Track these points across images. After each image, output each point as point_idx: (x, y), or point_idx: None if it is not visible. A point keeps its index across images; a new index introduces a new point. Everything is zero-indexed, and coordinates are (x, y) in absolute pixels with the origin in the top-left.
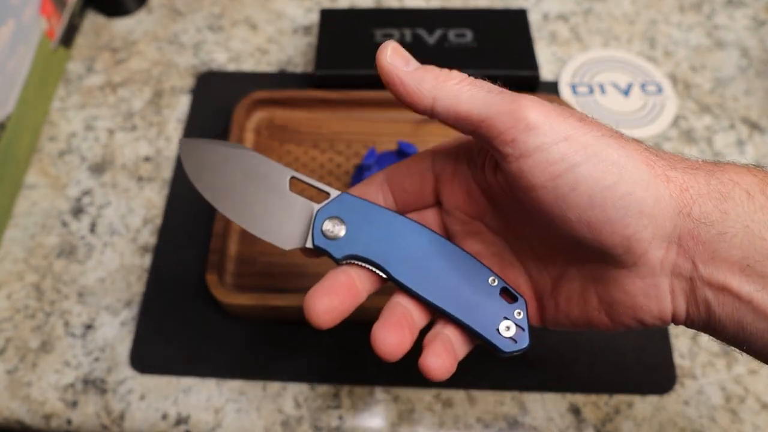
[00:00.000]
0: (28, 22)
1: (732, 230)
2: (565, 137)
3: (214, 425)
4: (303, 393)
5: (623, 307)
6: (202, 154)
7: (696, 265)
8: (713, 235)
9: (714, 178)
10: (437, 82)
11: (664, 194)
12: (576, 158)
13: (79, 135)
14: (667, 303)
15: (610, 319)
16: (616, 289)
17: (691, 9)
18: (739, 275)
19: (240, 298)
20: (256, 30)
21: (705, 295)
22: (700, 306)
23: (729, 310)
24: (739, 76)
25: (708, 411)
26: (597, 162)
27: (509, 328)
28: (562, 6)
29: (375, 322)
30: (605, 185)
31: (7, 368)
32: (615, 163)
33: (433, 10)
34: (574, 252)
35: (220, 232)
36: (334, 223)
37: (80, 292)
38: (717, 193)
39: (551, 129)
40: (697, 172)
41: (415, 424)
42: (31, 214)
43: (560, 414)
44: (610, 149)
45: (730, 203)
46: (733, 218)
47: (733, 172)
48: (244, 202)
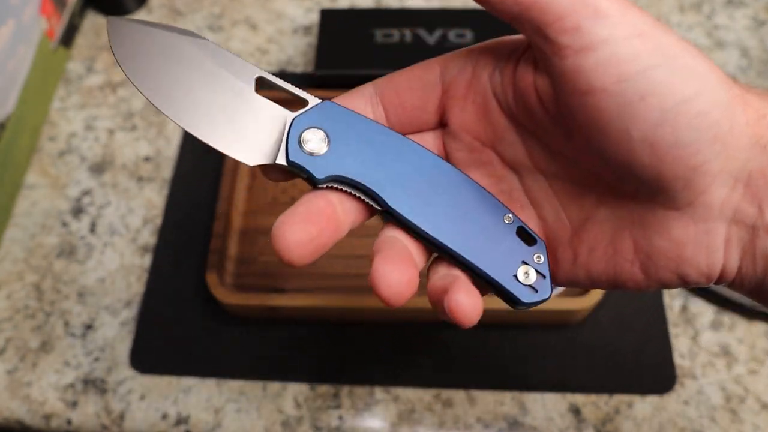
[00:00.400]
0: (28, 22)
1: None
2: (641, 33)
3: (214, 425)
4: (303, 393)
5: (665, 258)
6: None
7: (763, 210)
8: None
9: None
10: None
11: (740, 119)
12: (652, 59)
13: (79, 135)
14: (719, 256)
15: (645, 274)
16: (659, 236)
17: (691, 9)
18: None
19: (240, 298)
20: (256, 30)
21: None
22: (758, 260)
23: None
24: (739, 76)
25: (708, 411)
26: (677, 68)
27: (528, 274)
28: None
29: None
30: (683, 98)
31: (7, 368)
32: (696, 73)
33: (433, 10)
34: (614, 187)
35: (220, 232)
36: (315, 135)
37: (80, 292)
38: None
39: (625, 20)
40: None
41: (415, 424)
42: (31, 214)
43: (560, 414)
44: (689, 56)
45: None
46: None
47: None
48: (196, 103)
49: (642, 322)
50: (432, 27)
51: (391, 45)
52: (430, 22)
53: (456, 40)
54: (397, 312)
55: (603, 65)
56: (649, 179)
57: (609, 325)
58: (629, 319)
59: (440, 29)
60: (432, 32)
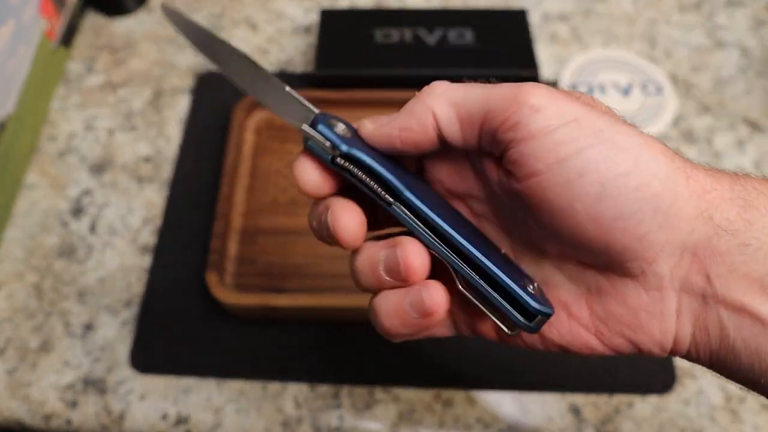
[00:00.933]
0: (28, 22)
1: (756, 242)
2: (575, 119)
3: (214, 425)
4: (303, 393)
5: (620, 324)
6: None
7: (711, 280)
8: (734, 245)
9: (738, 184)
10: (427, 93)
11: (683, 192)
12: (586, 141)
13: (79, 135)
14: (671, 324)
15: (600, 341)
16: (615, 302)
17: (691, 9)
18: (760, 294)
19: (240, 298)
20: (256, 30)
21: (718, 316)
22: (711, 330)
23: (746, 335)
24: (739, 76)
25: (708, 411)
26: (611, 146)
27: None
28: (562, 6)
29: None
30: (619, 172)
31: (7, 368)
32: (631, 149)
33: (433, 10)
34: (569, 256)
35: (220, 232)
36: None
37: (80, 292)
38: (741, 200)
39: (558, 111)
40: (720, 176)
41: (415, 424)
42: (31, 214)
43: (560, 414)
44: (624, 135)
45: (755, 212)
46: (758, 229)
47: (756, 181)
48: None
49: None
50: (432, 27)
51: (391, 45)
52: (430, 22)
53: (456, 40)
54: None
55: (543, 150)
56: (598, 251)
57: None
58: None
59: (440, 29)
60: (432, 32)
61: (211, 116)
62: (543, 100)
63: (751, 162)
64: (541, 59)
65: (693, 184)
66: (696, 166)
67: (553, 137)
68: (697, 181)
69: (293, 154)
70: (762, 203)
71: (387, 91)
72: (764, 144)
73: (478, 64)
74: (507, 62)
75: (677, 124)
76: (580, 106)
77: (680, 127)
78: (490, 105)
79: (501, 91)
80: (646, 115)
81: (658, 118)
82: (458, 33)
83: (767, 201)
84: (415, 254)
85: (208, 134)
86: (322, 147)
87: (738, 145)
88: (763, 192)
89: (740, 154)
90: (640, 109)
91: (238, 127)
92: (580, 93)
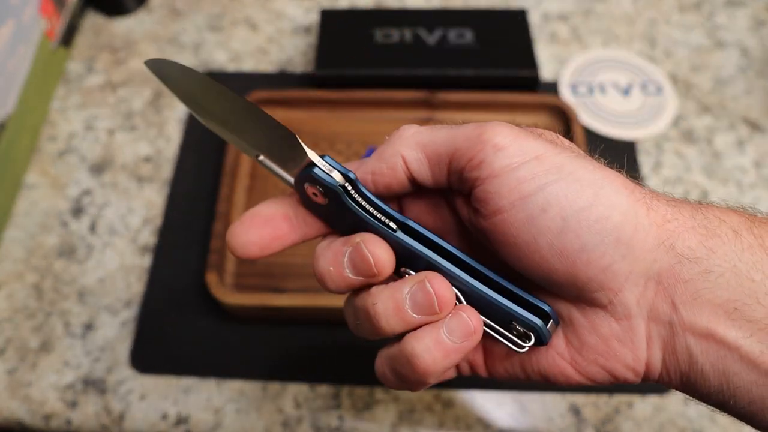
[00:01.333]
0: (28, 22)
1: (718, 269)
2: (536, 156)
3: (214, 425)
4: (303, 393)
5: (594, 353)
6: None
7: (676, 307)
8: (697, 273)
9: (699, 213)
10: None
11: (644, 222)
12: (548, 177)
13: (79, 135)
14: (642, 351)
15: (576, 370)
16: (587, 332)
17: (691, 9)
18: (724, 320)
19: (240, 298)
20: (256, 30)
21: (686, 342)
22: (680, 355)
23: (713, 359)
24: (739, 76)
25: (708, 411)
26: (571, 181)
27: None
28: (562, 6)
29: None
30: (580, 206)
31: (7, 368)
32: (591, 183)
33: (433, 10)
34: (540, 290)
35: (220, 232)
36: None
37: (80, 292)
38: (703, 228)
39: (520, 149)
40: (682, 205)
41: (415, 424)
42: (31, 214)
43: (560, 414)
44: (584, 170)
45: (717, 240)
46: (720, 256)
47: (718, 210)
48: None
49: None
50: (432, 27)
51: (391, 45)
52: (430, 22)
53: (456, 40)
54: None
55: (506, 187)
56: (565, 284)
57: None
58: None
59: (440, 29)
60: (432, 32)
61: None
62: (506, 138)
63: (750, 162)
64: (541, 59)
65: (653, 214)
66: (658, 196)
67: (516, 174)
68: (657, 212)
69: None
70: (724, 231)
71: (387, 91)
72: (764, 144)
73: (478, 64)
74: (507, 62)
75: (677, 124)
76: (542, 143)
77: (680, 127)
78: (456, 145)
79: (466, 131)
80: (646, 115)
81: (658, 118)
82: (458, 33)
83: (728, 229)
84: (445, 287)
85: (208, 134)
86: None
87: (738, 145)
88: (725, 220)
89: (740, 154)
90: (640, 109)
91: None
92: (543, 130)
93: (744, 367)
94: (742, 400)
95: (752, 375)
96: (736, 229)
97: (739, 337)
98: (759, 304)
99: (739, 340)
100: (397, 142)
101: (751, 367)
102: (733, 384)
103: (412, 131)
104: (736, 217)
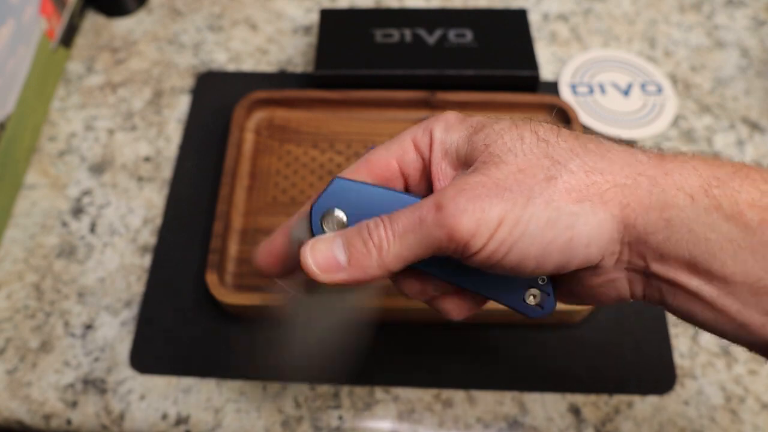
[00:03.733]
0: (28, 22)
1: (677, 235)
2: (498, 221)
3: (214, 425)
4: (303, 393)
5: (583, 296)
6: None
7: (648, 262)
8: (659, 240)
9: (657, 186)
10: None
11: (604, 218)
12: (513, 236)
13: (79, 135)
14: (625, 290)
15: (567, 301)
16: (575, 285)
17: (691, 9)
18: (686, 272)
19: (240, 298)
20: (256, 30)
21: (659, 286)
22: (655, 293)
23: (680, 302)
24: (739, 76)
25: (708, 411)
26: (533, 229)
27: (535, 296)
28: (562, 6)
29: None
30: (547, 241)
31: (7, 368)
32: (549, 219)
33: (433, 10)
34: None
35: (220, 232)
36: (333, 216)
37: (80, 292)
38: (661, 203)
39: (484, 228)
40: (639, 180)
41: (415, 424)
42: (31, 214)
43: (560, 414)
44: (539, 210)
45: (674, 210)
46: (677, 224)
47: (678, 174)
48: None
49: (642, 322)
50: (432, 27)
51: (391, 45)
52: (430, 22)
53: (456, 40)
54: (398, 312)
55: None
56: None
57: (609, 325)
58: (629, 319)
59: (440, 29)
60: (432, 32)
61: (211, 116)
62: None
63: (750, 162)
64: (541, 59)
65: (611, 205)
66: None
67: (490, 247)
68: (614, 202)
69: (293, 154)
70: (680, 200)
71: (387, 91)
72: (764, 144)
73: (478, 64)
74: (507, 62)
75: (677, 124)
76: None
77: (680, 127)
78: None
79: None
80: (646, 115)
81: (658, 118)
82: (458, 33)
83: (685, 196)
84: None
85: (208, 134)
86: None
87: (738, 145)
88: (682, 187)
89: (740, 154)
90: (640, 109)
91: (237, 127)
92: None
93: (704, 308)
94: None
95: (711, 314)
96: (693, 194)
97: (699, 285)
98: (715, 258)
99: (699, 287)
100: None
101: (709, 309)
102: (698, 318)
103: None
104: (695, 179)
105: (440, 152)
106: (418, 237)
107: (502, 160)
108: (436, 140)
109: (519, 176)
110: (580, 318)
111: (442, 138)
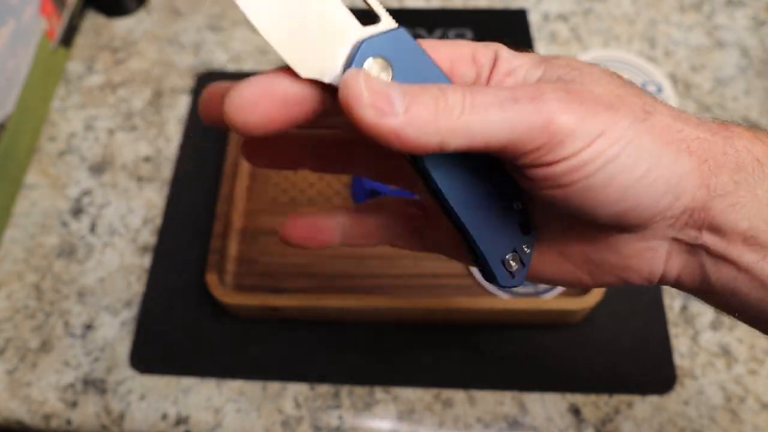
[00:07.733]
0: (28, 22)
1: (742, 200)
2: (601, 132)
3: (214, 425)
4: (303, 393)
5: (611, 267)
6: None
7: (701, 233)
8: (725, 206)
9: (730, 146)
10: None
11: (687, 169)
12: (610, 154)
13: (79, 135)
14: (659, 266)
15: (590, 277)
16: (609, 251)
17: (691, 9)
18: (741, 245)
19: (240, 298)
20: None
21: (703, 262)
22: (695, 272)
23: (725, 280)
24: (739, 76)
25: (708, 411)
26: (630, 153)
27: (513, 262)
28: (562, 6)
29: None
30: (637, 176)
31: (7, 368)
32: (649, 151)
33: (433, 10)
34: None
35: (220, 232)
36: (377, 65)
37: (80, 292)
38: (733, 164)
39: (585, 131)
40: (715, 139)
41: (415, 424)
42: (31, 214)
43: (560, 414)
44: (642, 135)
45: (743, 173)
46: (744, 188)
47: (747, 139)
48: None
49: (642, 322)
50: (432, 27)
51: None
52: (430, 22)
53: None
54: (398, 312)
55: (570, 169)
56: (610, 227)
57: (609, 325)
58: (629, 319)
59: (440, 29)
60: (432, 32)
61: None
62: (570, 122)
63: None
64: None
65: (694, 158)
66: (697, 134)
67: (582, 157)
68: (697, 154)
69: None
70: (749, 162)
71: None
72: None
73: None
74: None
75: None
76: (604, 115)
77: None
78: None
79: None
80: None
81: None
82: (458, 33)
83: (753, 159)
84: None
85: (208, 134)
86: None
87: None
88: (751, 150)
89: None
90: None
91: None
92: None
93: (753, 286)
94: (748, 313)
95: (760, 293)
96: (759, 158)
97: (752, 261)
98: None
99: (751, 263)
100: None
101: (758, 287)
102: (741, 300)
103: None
104: (761, 146)
105: (504, 71)
106: (505, 116)
107: (594, 80)
108: (503, 57)
109: (618, 100)
110: (580, 318)
111: (509, 57)
